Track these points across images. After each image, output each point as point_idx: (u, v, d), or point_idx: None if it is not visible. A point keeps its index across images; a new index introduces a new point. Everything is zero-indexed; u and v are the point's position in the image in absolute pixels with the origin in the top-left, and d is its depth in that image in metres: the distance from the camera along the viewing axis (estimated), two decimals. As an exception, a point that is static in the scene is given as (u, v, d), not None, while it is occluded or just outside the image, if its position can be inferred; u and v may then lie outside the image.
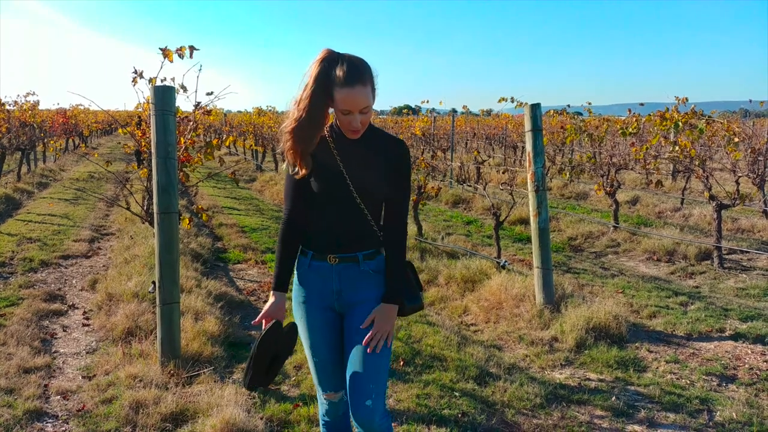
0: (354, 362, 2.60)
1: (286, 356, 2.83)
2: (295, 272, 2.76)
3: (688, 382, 4.65)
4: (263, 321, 2.70)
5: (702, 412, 4.17)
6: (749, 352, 5.19)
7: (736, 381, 4.68)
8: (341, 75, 2.43)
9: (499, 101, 10.07)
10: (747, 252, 8.54)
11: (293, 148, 2.54)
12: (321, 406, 2.89)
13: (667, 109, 9.07)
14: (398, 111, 28.23)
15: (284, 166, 2.69)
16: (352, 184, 2.58)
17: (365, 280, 2.67)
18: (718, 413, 4.14)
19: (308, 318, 2.72)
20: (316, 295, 2.70)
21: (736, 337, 5.48)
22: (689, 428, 3.97)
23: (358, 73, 2.45)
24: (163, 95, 4.40)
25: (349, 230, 2.64)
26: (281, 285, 2.72)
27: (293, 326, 2.78)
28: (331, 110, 2.59)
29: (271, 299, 2.71)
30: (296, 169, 2.59)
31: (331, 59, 2.48)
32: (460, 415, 4.00)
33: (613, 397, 4.36)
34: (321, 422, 2.92)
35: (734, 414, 4.09)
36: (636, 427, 3.99)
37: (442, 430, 3.77)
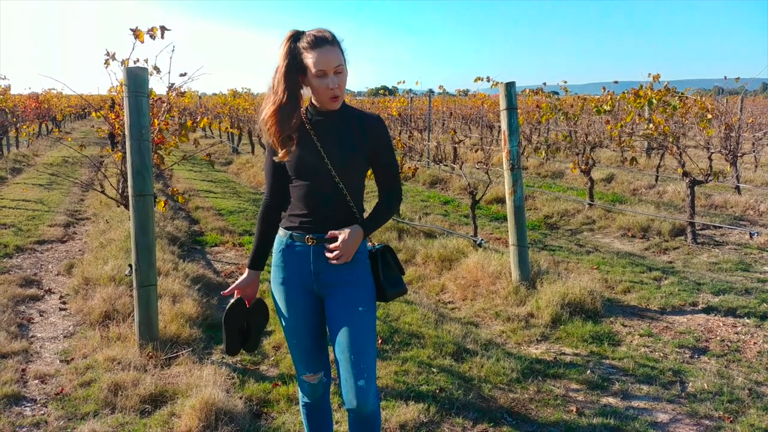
0: (342, 344, 2.60)
1: (259, 327, 2.87)
2: (273, 253, 2.76)
3: (662, 354, 4.73)
4: (235, 292, 2.76)
5: (675, 383, 4.26)
6: (721, 324, 5.30)
7: (707, 353, 4.77)
8: (308, 41, 2.49)
9: (475, 81, 10.10)
10: (720, 227, 8.67)
11: (275, 132, 2.55)
12: (301, 388, 2.90)
13: (641, 86, 9.14)
14: (375, 92, 28.14)
15: (265, 146, 2.70)
16: (330, 163, 2.57)
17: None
18: (691, 384, 4.22)
19: (288, 300, 2.71)
20: (295, 277, 2.68)
21: (709, 310, 5.58)
22: (662, 399, 4.05)
23: (324, 35, 2.50)
24: (136, 76, 4.37)
25: (328, 210, 2.61)
26: (256, 263, 2.76)
27: (259, 301, 2.83)
28: (304, 91, 2.60)
29: (244, 274, 2.76)
30: (279, 153, 2.58)
31: (295, 36, 2.53)
32: (437, 391, 4.05)
33: (588, 371, 4.43)
34: (301, 403, 2.93)
35: (706, 385, 4.18)
36: (611, 399, 4.06)
37: (420, 405, 3.81)
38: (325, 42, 2.48)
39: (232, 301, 2.74)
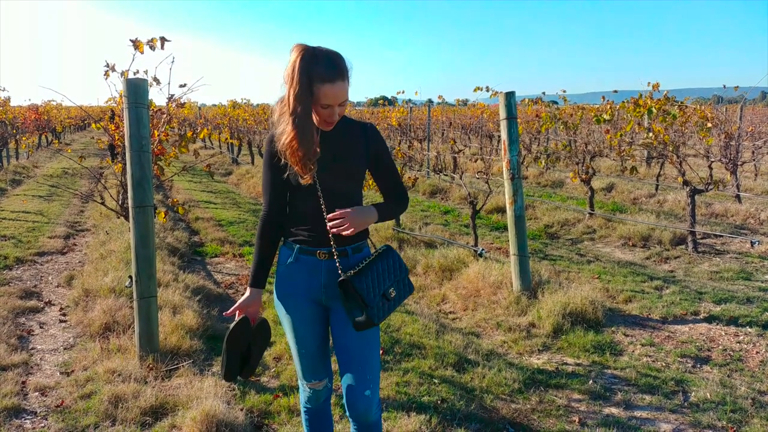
0: (349, 356, 2.64)
1: (260, 350, 2.83)
2: (278, 264, 2.75)
3: (664, 364, 4.72)
4: (236, 312, 2.71)
5: (677, 393, 4.24)
6: (723, 333, 5.28)
7: (710, 362, 4.75)
8: (322, 72, 2.42)
9: (475, 90, 10.12)
10: (720, 236, 8.66)
11: (298, 157, 2.49)
12: (303, 394, 2.91)
13: (641, 95, 9.16)
14: (374, 102, 28.18)
15: (263, 157, 2.69)
16: (330, 175, 2.58)
17: None
18: (693, 394, 4.20)
19: (296, 310, 2.71)
20: (302, 288, 2.68)
21: (710, 319, 5.57)
22: (665, 409, 4.03)
23: (338, 68, 2.46)
24: (136, 88, 4.37)
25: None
26: (258, 281, 2.72)
27: (263, 322, 2.79)
28: None
29: (247, 293, 2.72)
30: (305, 177, 2.53)
31: (309, 57, 2.44)
32: (439, 402, 4.03)
33: (590, 381, 4.41)
34: (303, 409, 2.94)
35: (708, 394, 4.16)
36: (613, 410, 4.04)
37: (421, 416, 3.79)
38: (337, 77, 2.44)
39: (234, 322, 2.69)
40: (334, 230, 2.52)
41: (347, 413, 2.67)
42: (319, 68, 2.43)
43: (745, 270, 7.09)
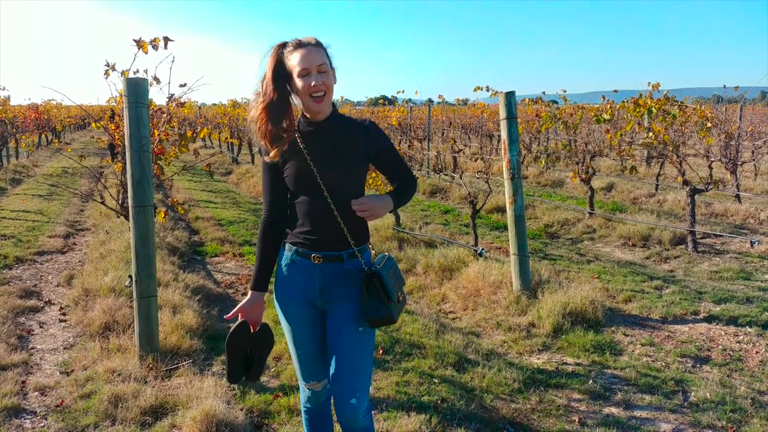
0: (338, 362, 2.62)
1: (263, 354, 2.82)
2: (278, 265, 2.74)
3: (664, 364, 4.72)
4: (238, 315, 2.71)
5: (677, 393, 4.24)
6: (722, 333, 5.28)
7: (710, 362, 4.76)
8: (292, 45, 2.55)
9: (475, 90, 10.14)
10: (720, 236, 8.66)
11: (265, 130, 2.55)
12: (303, 394, 2.91)
13: (641, 95, 9.15)
14: (374, 102, 28.17)
15: (262, 157, 2.68)
16: (327, 174, 2.57)
17: (349, 278, 2.63)
18: (693, 394, 4.20)
19: (292, 312, 2.71)
20: (299, 290, 2.68)
21: (710, 319, 5.57)
22: (665, 409, 4.03)
23: (307, 39, 2.56)
24: (136, 87, 4.38)
25: (331, 229, 2.60)
26: (259, 284, 2.72)
27: (265, 327, 2.78)
28: (294, 100, 2.61)
29: (248, 296, 2.71)
30: (270, 153, 2.59)
31: (281, 44, 2.58)
32: (439, 402, 4.03)
33: (590, 381, 4.41)
34: (303, 409, 2.94)
35: (708, 394, 4.16)
36: (613, 410, 4.04)
37: (421, 416, 3.79)
38: (309, 44, 2.53)
39: (234, 324, 2.68)
40: (363, 215, 2.56)
41: (336, 418, 2.67)
42: (290, 45, 2.56)
43: (745, 270, 7.09)
